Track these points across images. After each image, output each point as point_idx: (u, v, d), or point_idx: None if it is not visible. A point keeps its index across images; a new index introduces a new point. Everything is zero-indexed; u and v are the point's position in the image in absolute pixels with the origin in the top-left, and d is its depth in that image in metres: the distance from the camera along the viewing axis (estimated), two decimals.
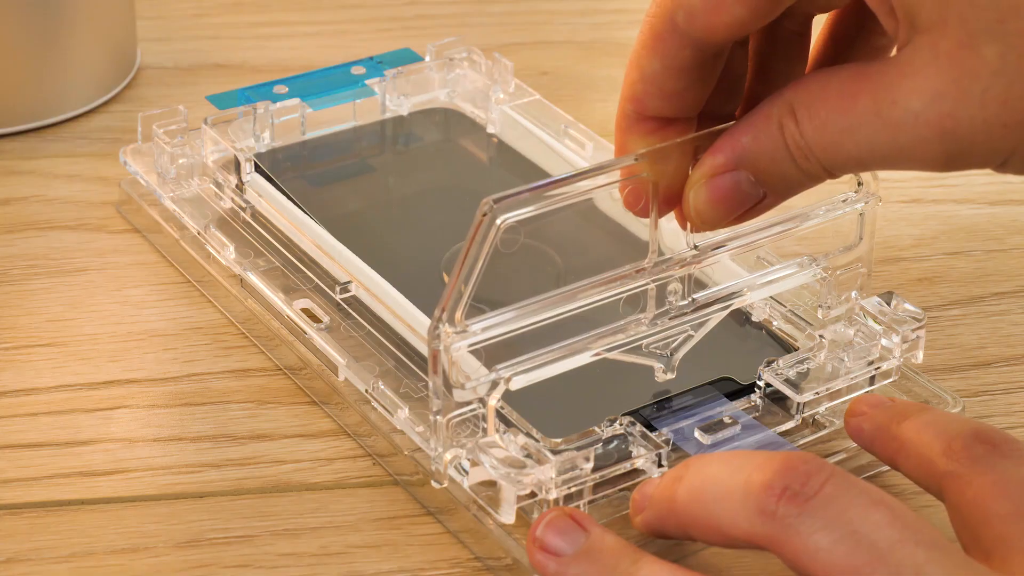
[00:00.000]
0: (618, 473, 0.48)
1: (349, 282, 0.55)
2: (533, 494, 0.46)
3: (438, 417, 0.47)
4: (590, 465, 0.47)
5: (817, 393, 0.51)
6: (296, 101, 0.63)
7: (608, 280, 0.48)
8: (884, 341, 0.52)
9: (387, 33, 0.78)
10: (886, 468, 0.50)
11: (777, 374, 0.51)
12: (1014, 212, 0.65)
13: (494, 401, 0.47)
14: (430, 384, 0.47)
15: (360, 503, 0.50)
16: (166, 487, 0.51)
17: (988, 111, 0.39)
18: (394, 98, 0.65)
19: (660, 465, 0.48)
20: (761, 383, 0.51)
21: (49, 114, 0.69)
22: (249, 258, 0.58)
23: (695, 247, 0.49)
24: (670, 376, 0.51)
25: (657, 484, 0.45)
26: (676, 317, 0.50)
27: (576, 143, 0.64)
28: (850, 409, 0.49)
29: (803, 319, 0.55)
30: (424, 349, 0.52)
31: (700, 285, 0.51)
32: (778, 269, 0.53)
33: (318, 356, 0.54)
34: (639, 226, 0.52)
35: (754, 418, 0.51)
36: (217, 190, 0.61)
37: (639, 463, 0.48)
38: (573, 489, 0.47)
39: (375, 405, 0.51)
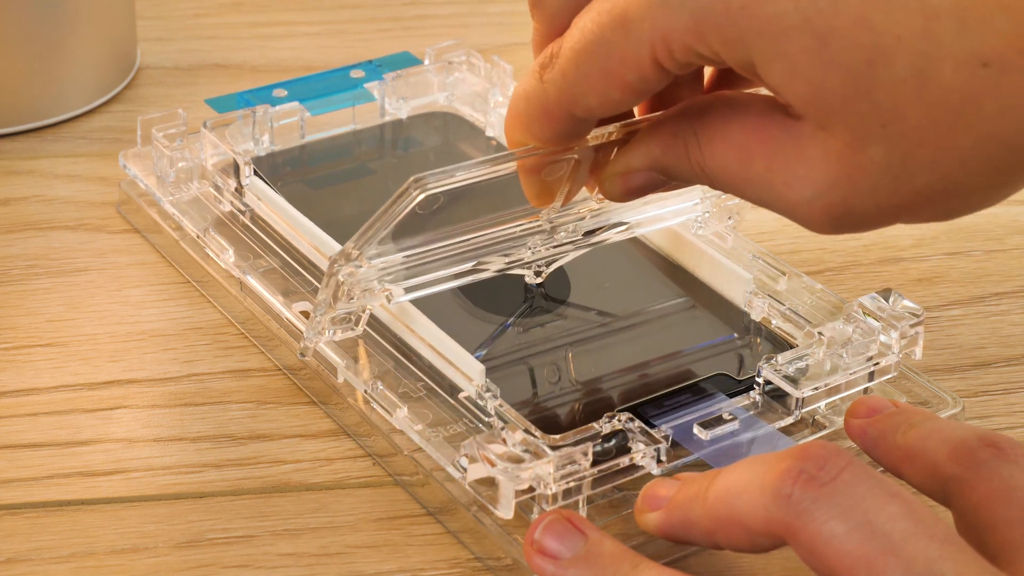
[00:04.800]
0: (617, 468, 0.48)
1: None
2: (532, 489, 0.46)
3: (319, 315, 0.51)
4: (589, 460, 0.47)
5: (816, 389, 0.51)
6: (295, 104, 0.63)
7: (504, 219, 0.53)
8: (883, 337, 0.52)
9: (387, 33, 0.78)
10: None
11: (776, 370, 0.51)
12: (1014, 212, 0.65)
13: (371, 305, 0.52)
14: (320, 295, 0.51)
15: (360, 503, 0.50)
16: (166, 487, 0.51)
17: (879, 199, 0.43)
18: (393, 101, 0.65)
19: (659, 461, 0.48)
20: (760, 379, 0.51)
21: (49, 114, 0.69)
22: (248, 261, 0.58)
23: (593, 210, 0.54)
24: (539, 280, 0.55)
25: (681, 488, 0.45)
26: (561, 246, 0.54)
27: None
28: (851, 410, 0.49)
29: (802, 317, 0.55)
30: (422, 349, 0.53)
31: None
32: (662, 203, 0.57)
33: (317, 357, 0.54)
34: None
35: (754, 414, 0.51)
36: (216, 193, 0.61)
37: (638, 459, 0.48)
38: (572, 484, 0.47)
39: (374, 405, 0.51)
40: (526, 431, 0.47)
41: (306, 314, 0.55)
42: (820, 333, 0.52)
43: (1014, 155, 0.41)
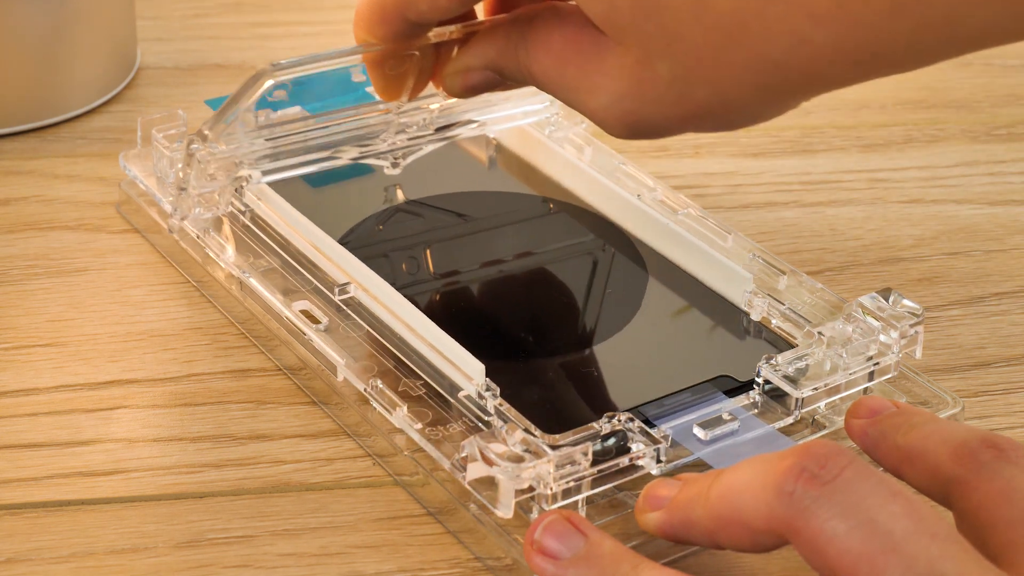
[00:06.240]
0: (616, 468, 0.48)
1: (348, 283, 0.55)
2: (531, 489, 0.46)
3: (184, 194, 0.57)
4: (588, 460, 0.47)
5: (815, 389, 0.51)
6: (296, 108, 0.63)
7: (356, 113, 0.60)
8: (882, 337, 0.52)
9: None
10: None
11: (776, 370, 0.51)
12: (1014, 212, 0.65)
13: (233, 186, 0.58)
14: (181, 174, 0.57)
15: (360, 503, 0.50)
16: (166, 487, 0.51)
17: (666, 109, 0.48)
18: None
19: (659, 461, 0.48)
20: (760, 380, 0.51)
21: (49, 114, 0.69)
22: (248, 261, 0.58)
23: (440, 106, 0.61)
24: (396, 172, 0.61)
25: (683, 488, 0.45)
26: (415, 139, 0.61)
27: (574, 146, 0.64)
28: (851, 411, 0.49)
29: (802, 317, 0.55)
30: (421, 348, 0.53)
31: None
32: (515, 104, 0.63)
33: (317, 357, 0.54)
34: None
35: (753, 415, 0.51)
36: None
37: (638, 459, 0.48)
38: (571, 484, 0.47)
39: (374, 404, 0.51)
40: (526, 430, 0.47)
41: (306, 313, 0.55)
42: (820, 333, 0.52)
43: (781, 73, 0.46)
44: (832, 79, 0.46)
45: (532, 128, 0.64)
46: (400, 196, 0.62)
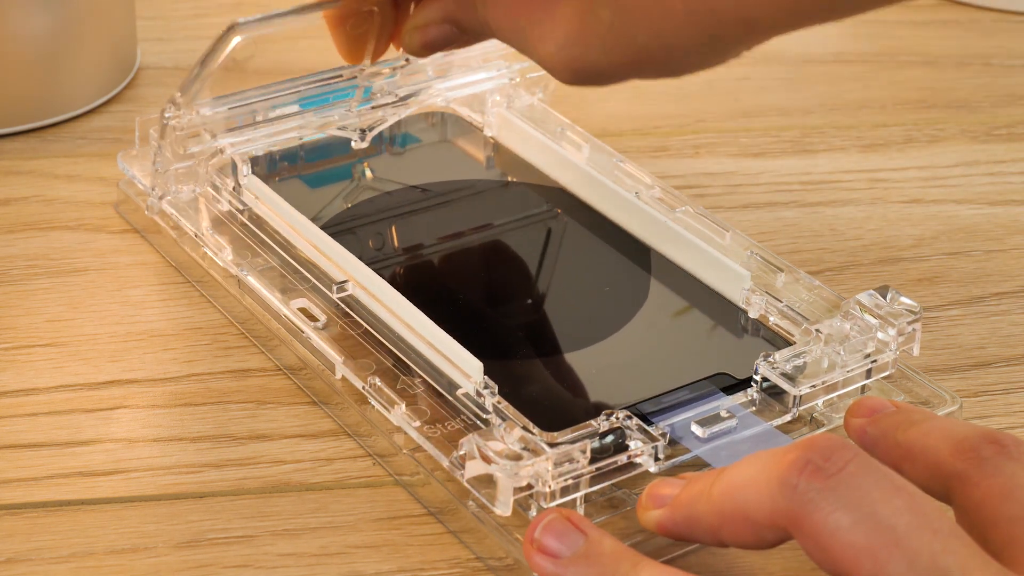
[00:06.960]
0: (615, 466, 0.48)
1: (346, 281, 0.55)
2: (530, 487, 0.46)
3: (163, 170, 0.58)
4: (587, 458, 0.47)
5: (813, 386, 0.51)
6: (294, 108, 0.63)
7: (322, 79, 0.62)
8: (880, 334, 0.52)
9: None
10: None
11: (774, 368, 0.51)
12: (1014, 212, 0.65)
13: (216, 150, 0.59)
14: (157, 146, 0.58)
15: (360, 503, 0.50)
16: (166, 487, 0.51)
17: (610, 55, 0.49)
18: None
19: (657, 459, 0.48)
20: (758, 377, 0.51)
21: (49, 114, 0.69)
22: (247, 259, 0.58)
23: (404, 62, 0.63)
24: (364, 144, 0.62)
25: (686, 487, 0.45)
26: (379, 107, 0.62)
27: (573, 145, 0.64)
28: (851, 410, 0.49)
29: (799, 314, 0.55)
30: (419, 346, 0.53)
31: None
32: (473, 72, 0.65)
33: (316, 355, 0.54)
34: None
35: (751, 412, 0.51)
36: (215, 193, 0.61)
37: (635, 457, 0.48)
38: (570, 482, 0.47)
39: (372, 402, 0.51)
40: (524, 428, 0.47)
41: (305, 311, 0.55)
42: (817, 330, 0.52)
43: (719, 20, 0.46)
44: (769, 25, 0.47)
45: (530, 126, 0.64)
46: (394, 188, 0.62)
